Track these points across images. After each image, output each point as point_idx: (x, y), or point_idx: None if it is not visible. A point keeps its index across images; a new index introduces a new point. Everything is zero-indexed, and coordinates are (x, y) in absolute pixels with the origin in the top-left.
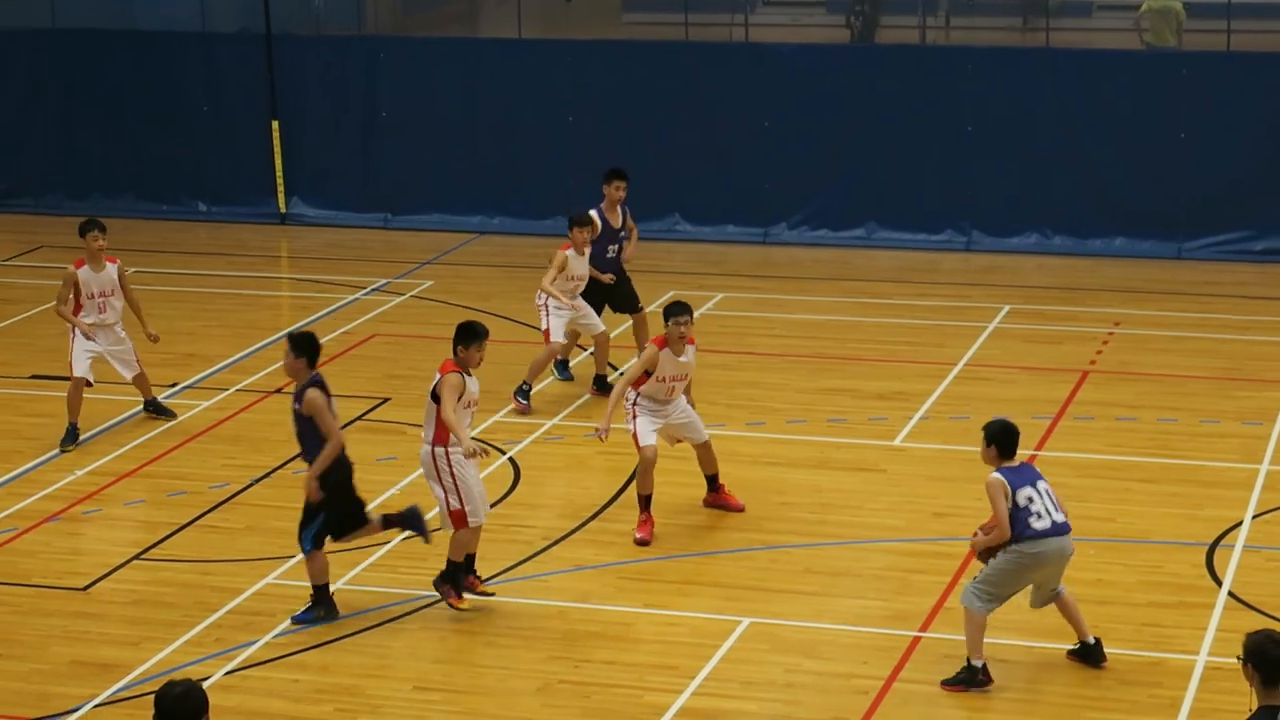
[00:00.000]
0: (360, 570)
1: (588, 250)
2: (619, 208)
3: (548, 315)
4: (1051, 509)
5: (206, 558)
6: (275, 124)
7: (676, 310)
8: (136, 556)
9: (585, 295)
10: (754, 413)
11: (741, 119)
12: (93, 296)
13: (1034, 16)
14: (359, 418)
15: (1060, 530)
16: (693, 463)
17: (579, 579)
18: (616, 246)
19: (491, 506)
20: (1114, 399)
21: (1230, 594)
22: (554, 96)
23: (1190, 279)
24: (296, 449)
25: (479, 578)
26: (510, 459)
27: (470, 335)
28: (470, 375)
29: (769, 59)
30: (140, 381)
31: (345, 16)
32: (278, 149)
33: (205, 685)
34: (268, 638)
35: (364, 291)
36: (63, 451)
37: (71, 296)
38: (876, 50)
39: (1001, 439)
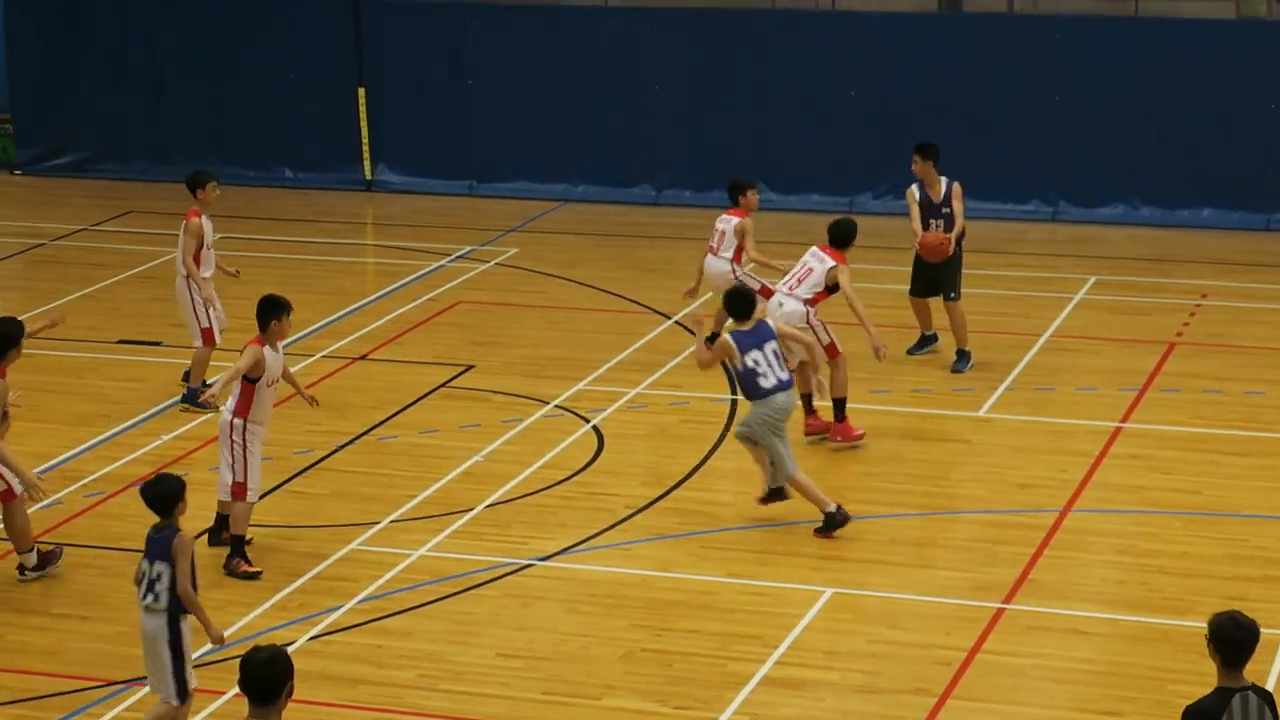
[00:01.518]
0: (443, 537)
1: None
2: (939, 181)
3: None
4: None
5: (291, 523)
6: (361, 90)
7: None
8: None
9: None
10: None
11: (827, 88)
12: (208, 247)
13: None
14: (442, 385)
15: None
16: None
17: (662, 547)
18: (939, 222)
19: (574, 475)
20: (1201, 371)
21: None
22: (639, 65)
23: (1279, 250)
24: (382, 415)
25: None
26: (594, 427)
27: (276, 308)
28: (276, 350)
29: (855, 27)
30: None
31: None
32: (363, 115)
33: (290, 650)
34: (352, 603)
35: (448, 259)
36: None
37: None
38: (964, 19)
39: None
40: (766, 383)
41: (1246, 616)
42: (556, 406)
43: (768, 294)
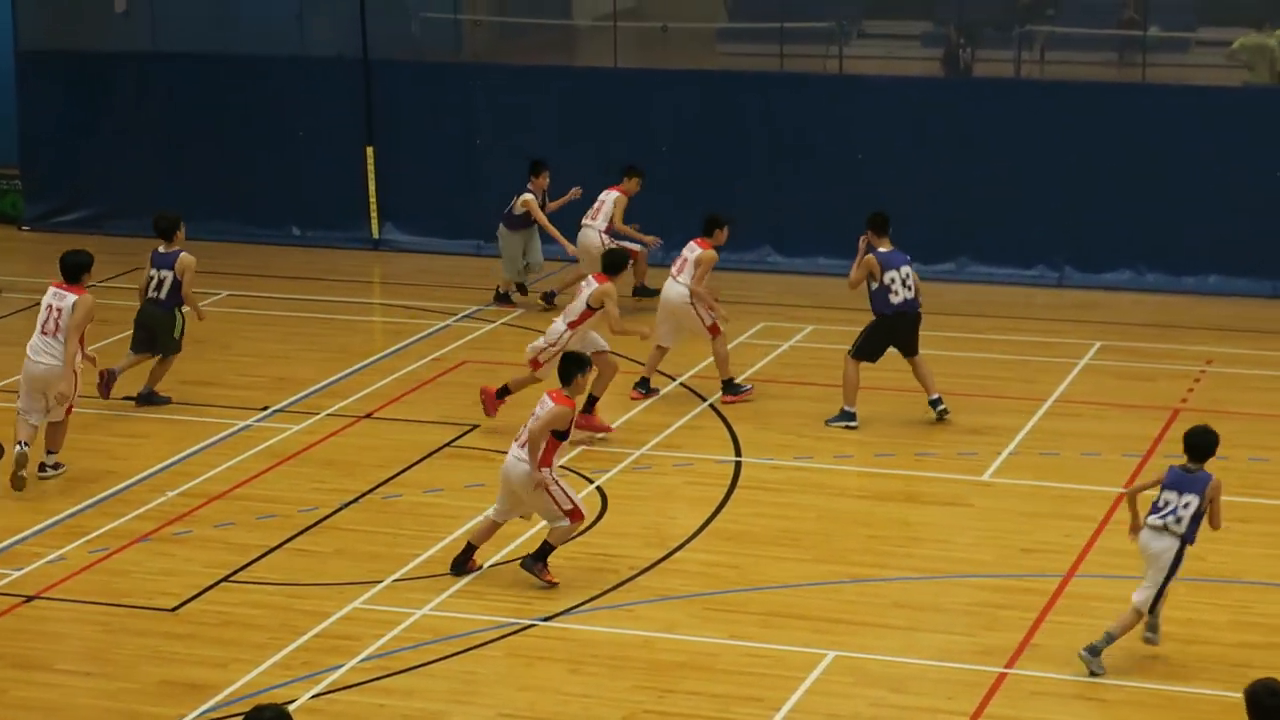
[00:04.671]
0: (447, 596)
1: None
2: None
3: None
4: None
5: (295, 581)
6: (370, 149)
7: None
8: (226, 578)
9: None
10: (842, 445)
11: (835, 150)
12: None
13: (1130, 51)
14: (448, 444)
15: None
16: (782, 493)
17: (665, 609)
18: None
19: (579, 535)
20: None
21: None
22: (648, 126)
23: None
24: (387, 473)
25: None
26: (598, 487)
27: (580, 363)
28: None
29: (863, 91)
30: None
31: (443, 43)
32: (371, 174)
33: (292, 708)
34: (354, 661)
35: (455, 318)
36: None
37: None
38: (971, 83)
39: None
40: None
41: None
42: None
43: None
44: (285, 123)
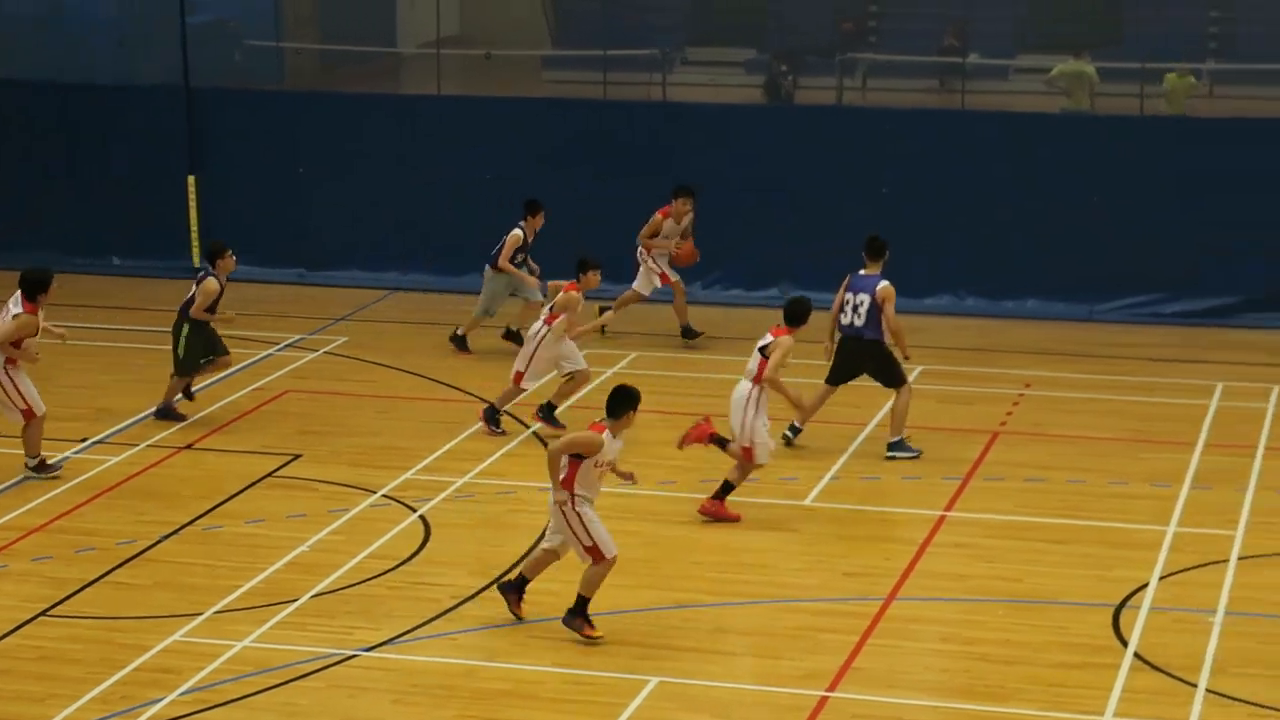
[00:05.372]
0: (269, 628)
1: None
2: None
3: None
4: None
5: (115, 614)
6: (192, 178)
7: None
8: (44, 612)
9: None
10: (667, 472)
11: (657, 176)
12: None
13: (950, 78)
14: (270, 474)
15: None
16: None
17: (488, 637)
18: None
19: (401, 564)
20: (1024, 460)
21: (1136, 655)
22: (473, 153)
23: (1101, 341)
24: (209, 504)
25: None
26: (421, 516)
27: (629, 400)
28: (617, 438)
29: (686, 117)
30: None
31: (267, 71)
32: (193, 203)
33: None
34: (175, 695)
35: (277, 347)
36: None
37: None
38: (793, 110)
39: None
40: None
41: None
42: (384, 496)
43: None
44: (107, 151)
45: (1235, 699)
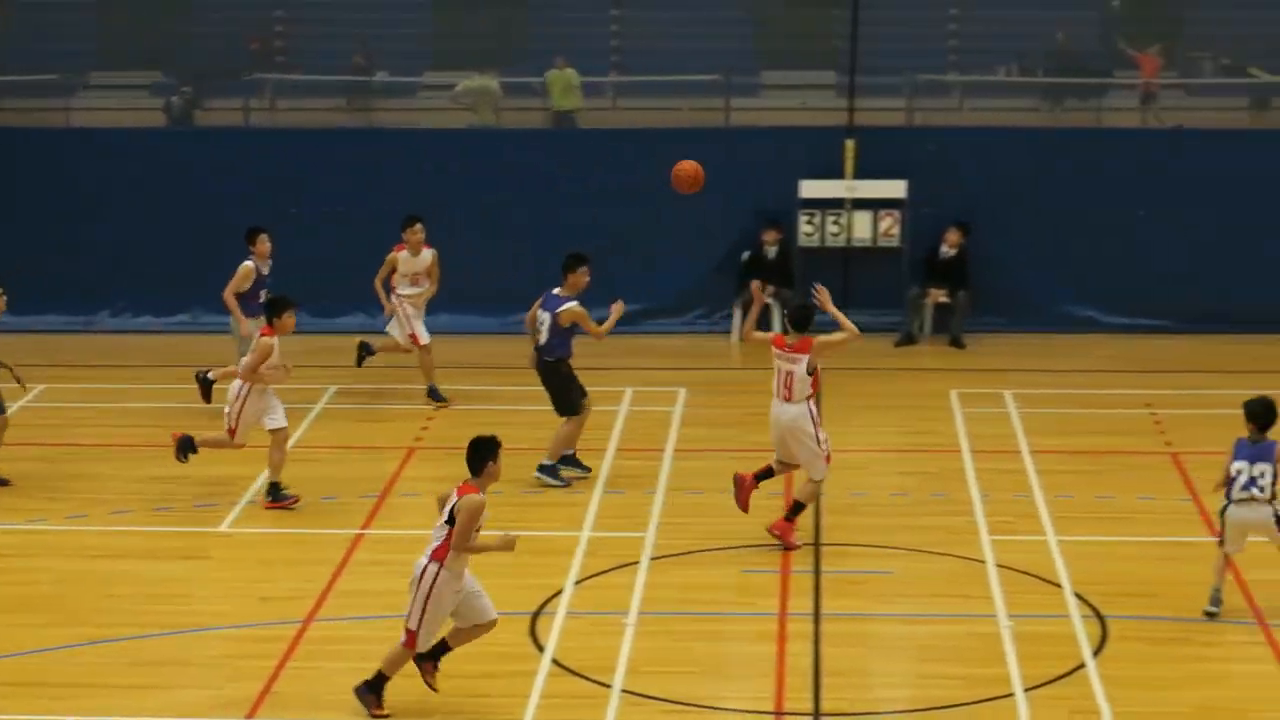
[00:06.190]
0: None
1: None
2: None
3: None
4: None
5: None
6: None
7: None
8: None
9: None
10: (77, 505)
11: (70, 205)
12: None
13: (359, 96)
14: None
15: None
16: (17, 558)
17: None
18: None
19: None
20: (441, 474)
21: (554, 661)
22: None
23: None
24: None
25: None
26: None
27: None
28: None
29: (88, 144)
30: None
31: None
32: None
33: None
34: None
35: None
36: None
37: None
38: (196, 132)
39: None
40: None
41: None
42: None
43: None
44: None
45: (649, 697)
